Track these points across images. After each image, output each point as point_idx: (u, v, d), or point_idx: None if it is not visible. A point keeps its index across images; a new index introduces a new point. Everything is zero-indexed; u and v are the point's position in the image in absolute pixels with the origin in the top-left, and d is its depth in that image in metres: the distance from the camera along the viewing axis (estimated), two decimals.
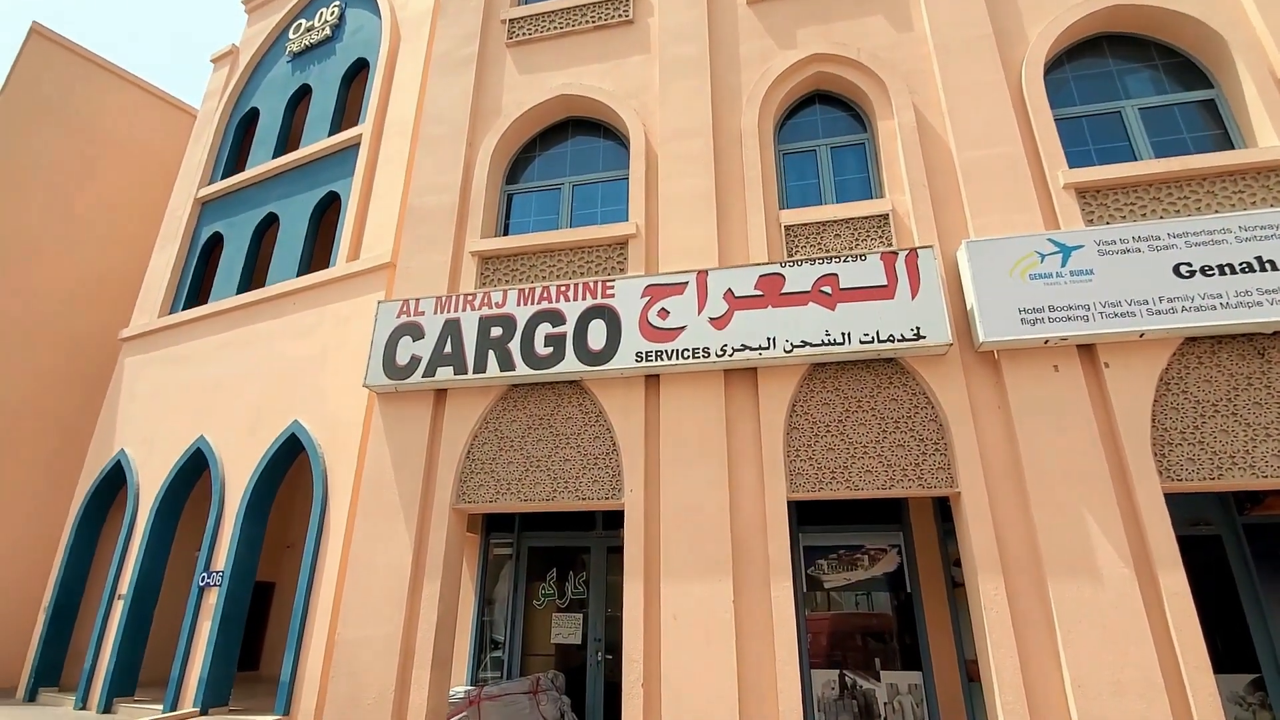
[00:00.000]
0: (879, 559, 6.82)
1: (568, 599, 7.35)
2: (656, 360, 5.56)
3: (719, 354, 5.47)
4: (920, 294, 5.33)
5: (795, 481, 5.27)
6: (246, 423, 10.99)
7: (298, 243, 12.39)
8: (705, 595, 5.02)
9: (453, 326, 6.11)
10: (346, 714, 5.24)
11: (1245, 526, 6.27)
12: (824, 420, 5.40)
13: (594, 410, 5.83)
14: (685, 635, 4.95)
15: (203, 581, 10.04)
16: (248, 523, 10.15)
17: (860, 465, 5.22)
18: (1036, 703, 4.44)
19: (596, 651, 6.97)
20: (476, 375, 5.88)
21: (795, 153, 6.75)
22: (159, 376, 12.62)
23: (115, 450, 12.32)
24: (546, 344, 5.84)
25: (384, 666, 5.30)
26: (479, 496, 5.78)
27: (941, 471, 5.09)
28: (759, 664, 4.85)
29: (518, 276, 6.58)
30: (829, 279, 5.52)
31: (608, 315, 5.82)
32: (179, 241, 14.17)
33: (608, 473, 5.62)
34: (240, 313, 12.21)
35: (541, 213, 7.13)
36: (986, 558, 4.75)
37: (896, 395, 5.36)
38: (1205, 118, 6.18)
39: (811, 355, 5.35)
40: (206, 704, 9.23)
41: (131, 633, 10.44)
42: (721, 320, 5.58)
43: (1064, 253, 5.27)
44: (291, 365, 11.08)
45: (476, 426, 5.97)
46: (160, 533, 11.05)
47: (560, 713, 6.21)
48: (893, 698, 6.35)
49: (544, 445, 5.81)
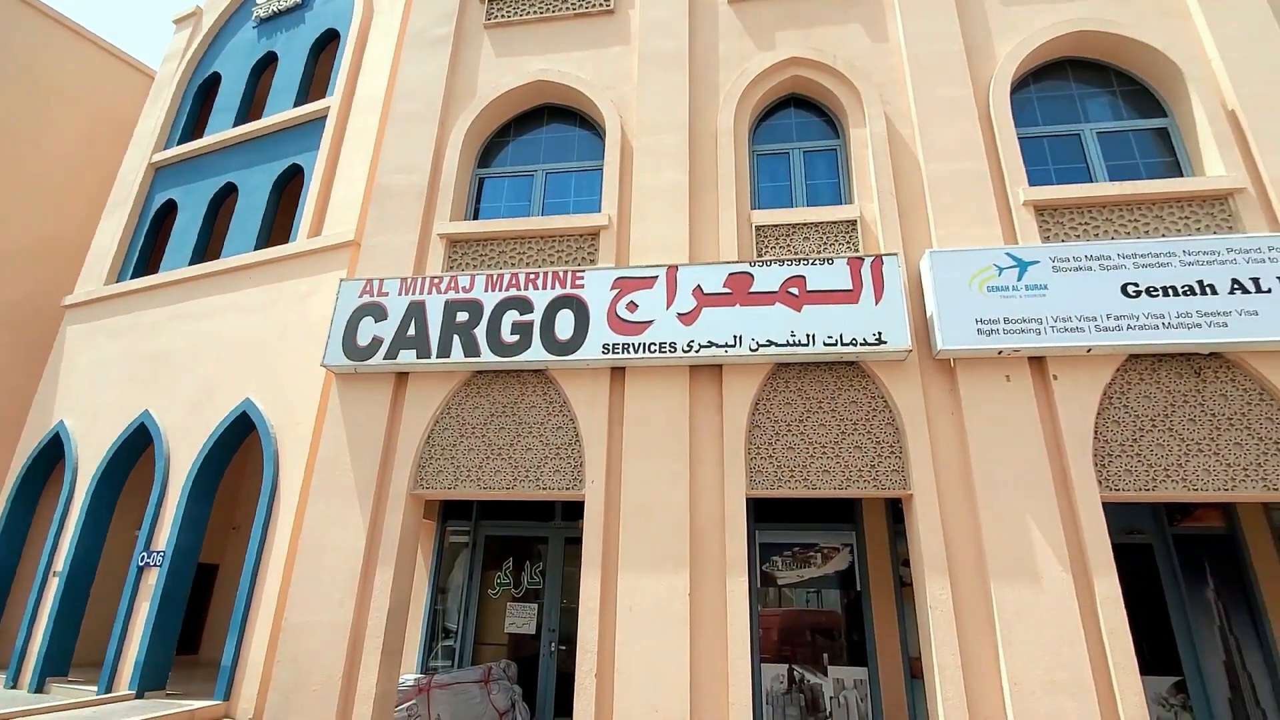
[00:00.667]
0: (831, 557, 6.98)
1: (523, 589, 7.33)
2: (623, 353, 5.56)
3: (685, 349, 5.50)
4: (884, 300, 5.44)
5: (755, 479, 5.35)
6: (195, 398, 10.62)
7: (256, 215, 12.00)
8: (662, 588, 5.06)
9: (417, 309, 6.00)
10: (290, 700, 5.13)
11: (1174, 537, 6.61)
12: (785, 419, 5.49)
13: (558, 400, 5.81)
14: (640, 627, 4.99)
15: (142, 561, 9.69)
16: (192, 502, 9.84)
17: (819, 465, 5.32)
18: (975, 700, 4.60)
19: (550, 642, 6.97)
20: (440, 360, 5.79)
21: (769, 154, 6.81)
22: (103, 347, 12.10)
23: (54, 422, 11.79)
24: (513, 331, 5.79)
25: (331, 653, 5.21)
26: (437, 483, 5.71)
27: (896, 474, 5.23)
28: (711, 657, 4.91)
29: (486, 262, 6.50)
30: (796, 280, 5.60)
31: (576, 305, 5.79)
32: (130, 207, 13.58)
33: (569, 463, 5.61)
34: (193, 284, 11.77)
35: (513, 199, 7.04)
36: (934, 559, 4.90)
37: (856, 398, 5.47)
38: (1158, 145, 6.45)
39: (776, 355, 5.42)
40: (143, 687, 8.94)
41: (66, 612, 10.03)
42: (689, 316, 5.61)
43: (1020, 267, 5.45)
44: (245, 342, 10.74)
45: (438, 412, 5.89)
46: (99, 509, 10.63)
47: (511, 702, 6.20)
48: (839, 692, 6.51)
49: (506, 433, 5.77)
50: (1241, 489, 4.92)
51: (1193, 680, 6.19)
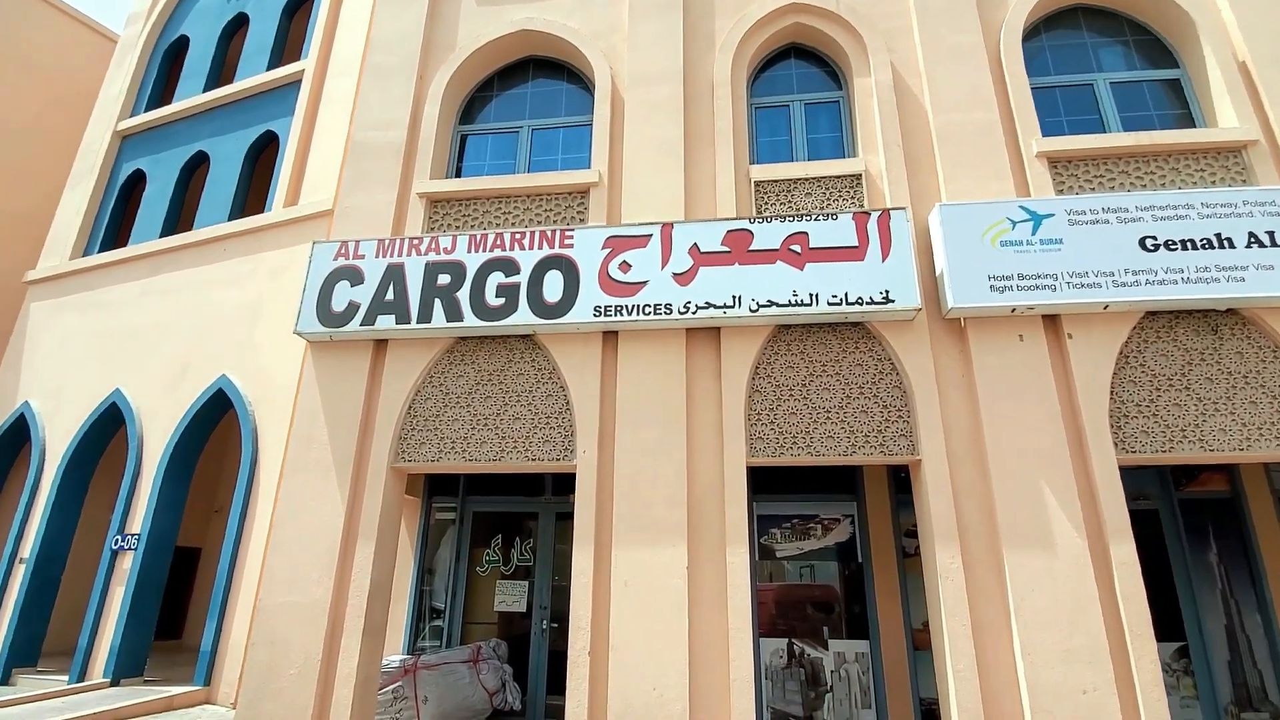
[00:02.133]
0: (832, 529, 6.76)
1: (513, 566, 7.06)
2: (616, 315, 5.25)
3: (682, 311, 5.20)
4: (891, 257, 5.16)
5: (756, 446, 5.08)
6: (169, 376, 10.19)
7: (230, 184, 11.48)
8: (658, 562, 4.80)
9: (396, 272, 5.63)
10: (266, 685, 4.84)
11: (1180, 502, 6.45)
12: (787, 384, 5.21)
13: (547, 367, 5.49)
14: (636, 603, 4.73)
15: (116, 545, 9.32)
16: (168, 483, 9.46)
17: (823, 431, 5.05)
18: (987, 670, 4.40)
19: (542, 620, 6.72)
20: (420, 325, 5.44)
21: (767, 107, 6.46)
22: (70, 323, 11.58)
23: (18, 402, 11.29)
24: (498, 294, 5.45)
25: (310, 635, 4.91)
26: (420, 455, 5.39)
27: (903, 439, 4.98)
28: (710, 632, 4.67)
29: (469, 223, 6.12)
30: (799, 237, 5.29)
31: (565, 266, 5.45)
32: (95, 177, 12.97)
33: (560, 433, 5.31)
34: (164, 257, 11.27)
35: (498, 157, 6.65)
36: (944, 527, 4.67)
37: (862, 360, 5.20)
38: (1170, 96, 6.18)
39: (778, 316, 5.13)
40: (118, 674, 8.62)
41: (34, 599, 9.65)
42: (686, 276, 5.29)
43: (1035, 221, 5.17)
44: (220, 316, 10.29)
45: (419, 381, 5.56)
46: (69, 493, 10.21)
47: (502, 682, 5.95)
48: (840, 666, 6.33)
49: (492, 403, 5.45)
50: (1256, 448, 4.73)
51: (1194, 645, 6.07)
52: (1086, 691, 4.27)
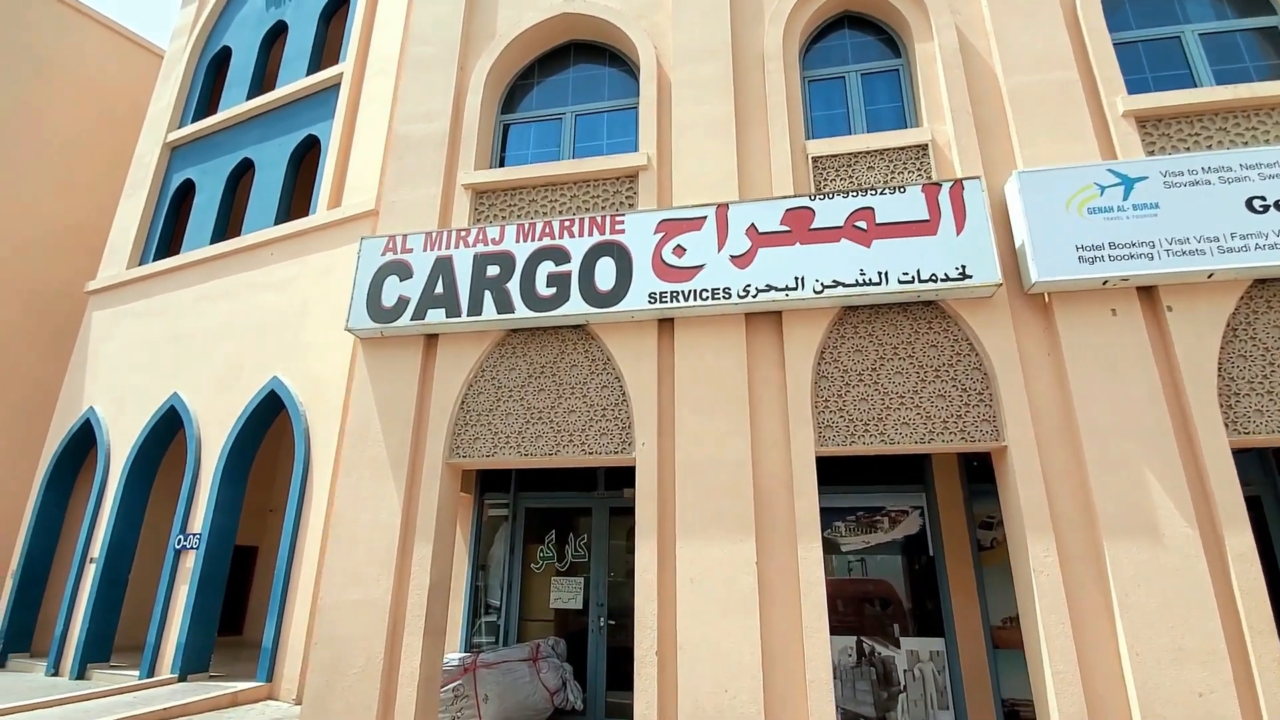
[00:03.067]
0: (900, 521, 6.45)
1: (567, 562, 6.93)
2: (672, 302, 5.03)
3: (741, 295, 4.95)
4: (966, 230, 4.81)
5: (824, 435, 4.81)
6: (223, 379, 10.37)
7: (275, 189, 11.63)
8: (725, 557, 4.58)
9: (444, 265, 5.52)
10: (330, 683, 4.79)
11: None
12: (855, 369, 4.92)
13: (601, 357, 5.31)
14: (703, 600, 4.52)
15: (179, 544, 9.53)
16: (225, 483, 9.63)
17: (896, 417, 4.75)
18: (1090, 671, 4.06)
19: (599, 617, 6.57)
20: (471, 318, 5.32)
21: (821, 80, 6.14)
22: (129, 331, 11.90)
23: (84, 409, 11.66)
24: (549, 284, 5.28)
25: (371, 633, 4.84)
26: (475, 451, 5.27)
27: (986, 424, 4.64)
28: (783, 631, 4.43)
29: (515, 213, 5.98)
30: (864, 213, 4.99)
31: (617, 253, 5.26)
32: (147, 189, 13.30)
33: (617, 425, 5.12)
34: (215, 264, 11.48)
35: (541, 145, 6.49)
36: (1036, 517, 4.33)
37: (936, 341, 4.88)
38: (1266, 47, 5.65)
39: (844, 297, 4.84)
40: (185, 670, 8.81)
41: (104, 597, 9.94)
42: (744, 258, 5.04)
43: (1126, 185, 4.76)
44: (270, 318, 10.43)
45: (471, 374, 5.44)
46: (133, 494, 10.49)
47: (563, 680, 5.82)
48: (913, 665, 6.02)
49: (546, 395, 5.30)
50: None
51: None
52: (1202, 694, 3.91)
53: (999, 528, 6.29)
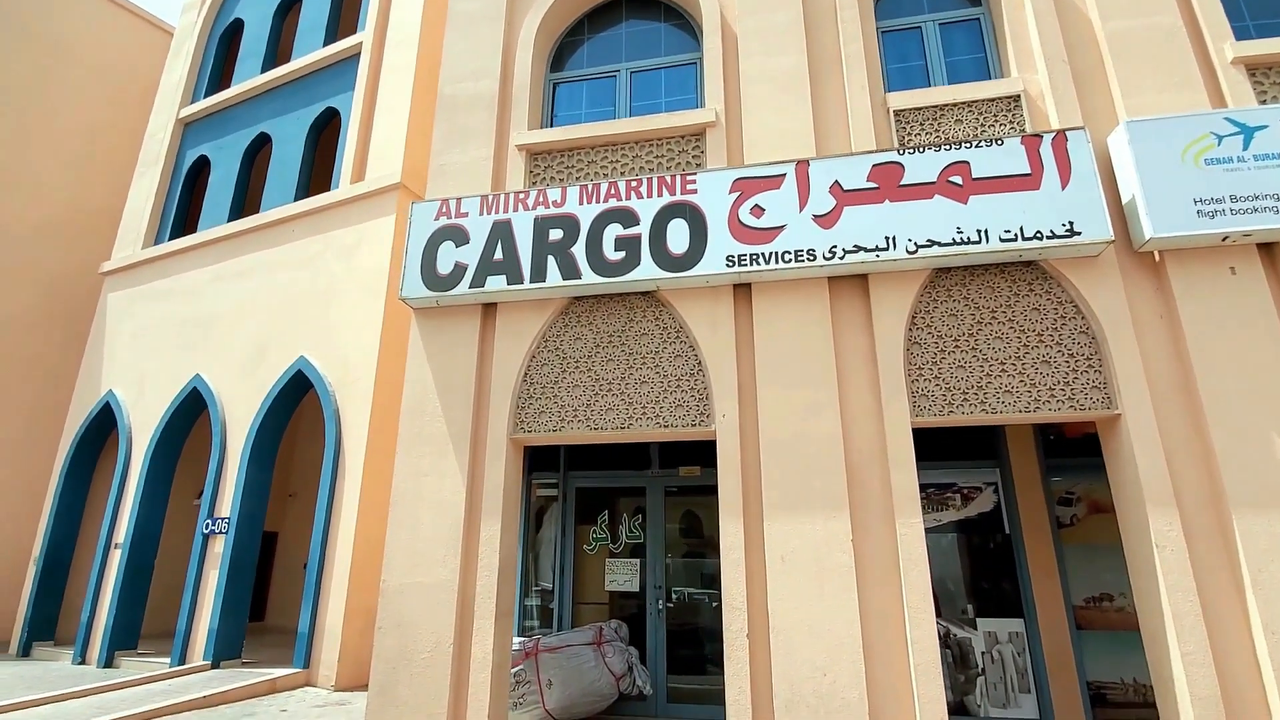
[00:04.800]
0: (973, 498, 6.17)
1: (622, 543, 6.66)
2: (751, 265, 4.71)
3: (827, 257, 4.63)
4: (1072, 184, 4.48)
5: (920, 405, 4.51)
6: (247, 360, 10.06)
7: (294, 165, 11.25)
8: (818, 535, 4.30)
9: (503, 229, 5.19)
10: (397, 669, 4.53)
11: None
12: (951, 334, 4.61)
13: (673, 325, 5.00)
14: (796, 580, 4.25)
15: (207, 529, 9.27)
16: (253, 466, 9.35)
17: (997, 385, 4.45)
18: (1221, 651, 3.79)
19: (658, 599, 6.31)
20: (534, 285, 5.00)
21: (894, 31, 5.78)
22: (147, 312, 11.57)
23: (103, 392, 11.36)
24: (617, 248, 4.96)
25: (439, 617, 4.57)
26: (540, 426, 4.98)
27: (1096, 391, 4.34)
28: (883, 611, 4.16)
29: (573, 175, 5.64)
30: (958, 168, 4.65)
31: (690, 214, 4.93)
32: (161, 166, 12.91)
33: (693, 396, 4.82)
34: (233, 242, 11.14)
35: (594, 105, 6.13)
36: (1157, 490, 4.04)
37: (1039, 304, 4.56)
38: None
39: (940, 257, 4.52)
40: (218, 656, 8.58)
41: (130, 584, 9.70)
42: (828, 218, 4.72)
43: (1245, 134, 4.43)
44: (293, 298, 10.10)
45: (533, 345, 5.13)
46: (157, 478, 10.22)
47: (629, 665, 5.57)
48: (991, 647, 5.77)
49: (615, 366, 4.99)
50: None
51: None
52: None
53: (1079, 504, 6.03)
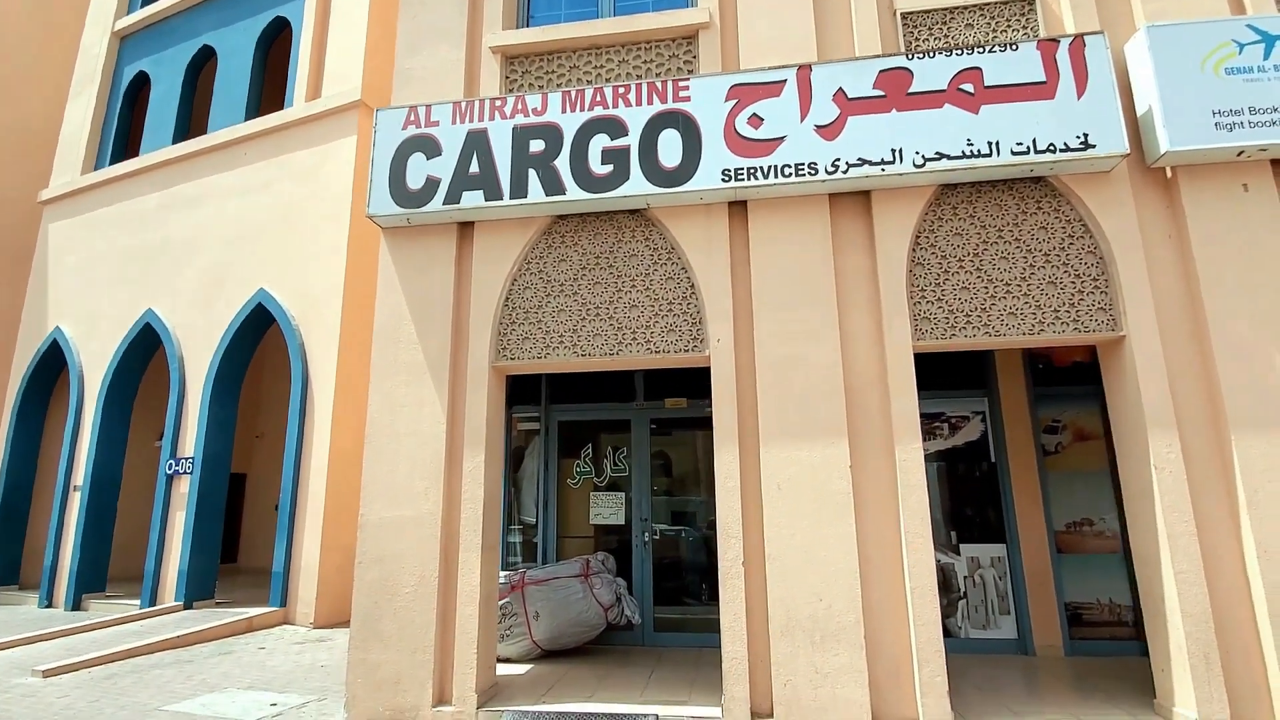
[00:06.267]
0: (960, 427, 6.14)
1: (606, 477, 6.53)
2: (749, 180, 4.40)
3: (830, 170, 4.34)
4: (1088, 93, 4.23)
5: (921, 328, 4.34)
6: (203, 293, 9.48)
7: (242, 81, 10.38)
8: (815, 462, 4.18)
9: (478, 140, 4.77)
10: (380, 604, 4.37)
11: None
12: (956, 254, 4.41)
13: (664, 246, 4.71)
14: (792, 507, 4.14)
15: (171, 469, 8.91)
16: (215, 404, 8.94)
17: (1001, 307, 4.29)
18: (1213, 571, 3.82)
19: (644, 532, 6.24)
20: (516, 201, 4.63)
21: None
22: (92, 242, 10.79)
23: (49, 328, 10.68)
24: (604, 161, 4.59)
25: (423, 551, 4.39)
26: (524, 352, 4.71)
27: (1101, 313, 4.21)
28: (882, 537, 4.10)
29: (553, 81, 5.18)
30: (970, 74, 4.35)
31: (683, 124, 4.56)
32: (97, 85, 11.84)
33: (685, 320, 4.59)
34: (181, 166, 10.34)
35: (573, 4, 5.60)
36: (1159, 412, 3.98)
37: (1046, 223, 4.37)
38: None
39: (948, 171, 4.26)
40: (190, 597, 8.38)
41: (94, 526, 9.36)
42: (832, 128, 4.40)
43: (1268, 42, 4.20)
44: (250, 226, 9.47)
45: (515, 268, 4.80)
46: (113, 418, 9.74)
47: (617, 596, 5.52)
48: (973, 571, 5.85)
49: (603, 289, 4.71)
50: None
51: None
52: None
53: (1064, 432, 6.04)
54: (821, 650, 3.95)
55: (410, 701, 4.23)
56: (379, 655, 4.32)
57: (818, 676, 3.93)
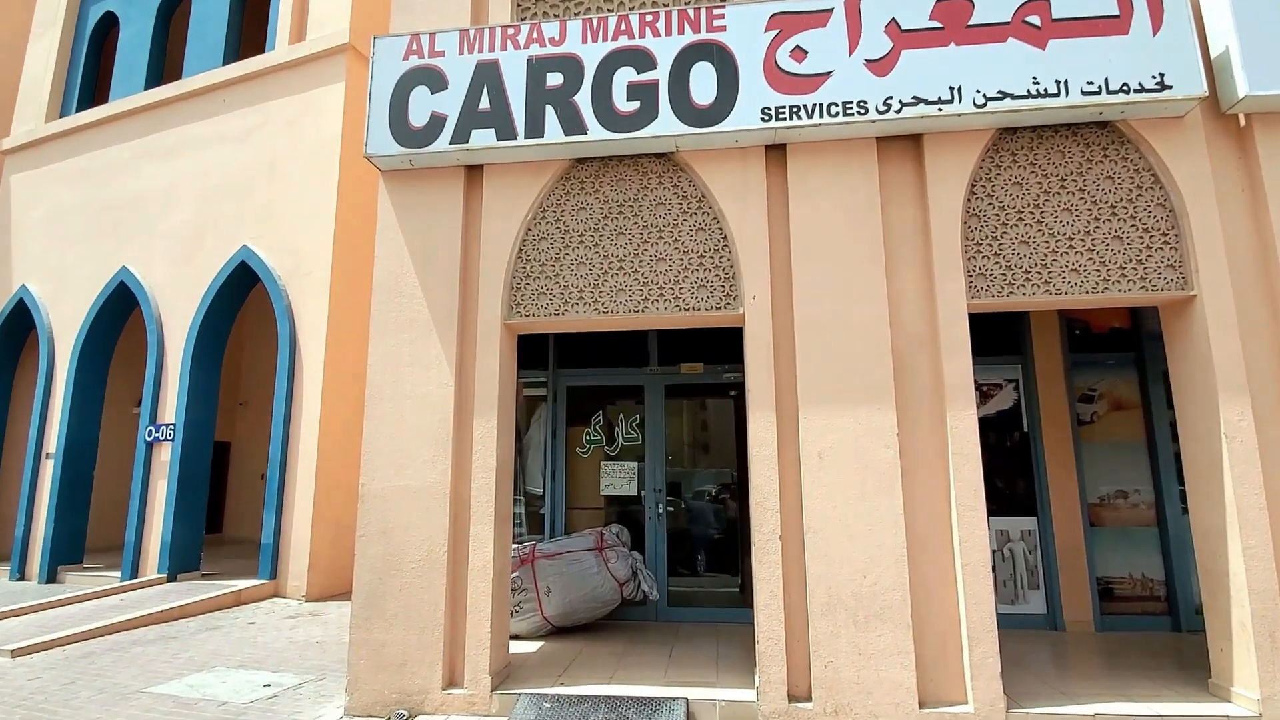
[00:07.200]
0: (993, 395, 5.86)
1: (618, 445, 6.20)
2: (791, 119, 3.99)
3: (880, 110, 3.94)
4: (1163, 29, 3.85)
5: (977, 284, 4.00)
6: (181, 250, 8.90)
7: (219, 22, 9.65)
8: (859, 428, 3.86)
9: (489, 72, 4.30)
10: (384, 580, 4.02)
11: None
12: (1015, 205, 4.06)
13: (694, 194, 4.30)
14: (834, 477, 3.83)
15: (150, 436, 8.43)
16: (196, 368, 8.44)
17: (1064, 263, 3.96)
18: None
19: (657, 503, 5.93)
20: (531, 141, 4.19)
21: None
22: (59, 195, 10.10)
23: (14, 287, 10.05)
24: (630, 97, 4.15)
25: (431, 523, 4.04)
26: (539, 309, 4.31)
27: (1170, 270, 3.90)
28: (930, 509, 3.81)
29: (570, 9, 4.69)
30: (1036, 5, 3.95)
31: (717, 56, 4.13)
32: (60, 26, 11.00)
33: (718, 275, 4.21)
34: (155, 114, 9.65)
35: None
36: (1231, 376, 3.70)
37: (1113, 172, 4.02)
38: None
39: (1012, 112, 3.89)
40: (174, 569, 7.98)
41: (68, 495, 8.88)
42: (883, 63, 3.99)
43: None
44: (230, 178, 8.86)
45: (529, 216, 4.38)
46: (87, 382, 9.19)
47: (633, 570, 5.22)
48: (1003, 545, 5.62)
49: (627, 241, 4.30)
50: None
51: None
52: None
53: (1100, 400, 5.78)
54: (865, 630, 3.68)
55: (418, 684, 3.92)
56: (384, 635, 3.98)
57: (860, 658, 3.66)
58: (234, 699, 4.26)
